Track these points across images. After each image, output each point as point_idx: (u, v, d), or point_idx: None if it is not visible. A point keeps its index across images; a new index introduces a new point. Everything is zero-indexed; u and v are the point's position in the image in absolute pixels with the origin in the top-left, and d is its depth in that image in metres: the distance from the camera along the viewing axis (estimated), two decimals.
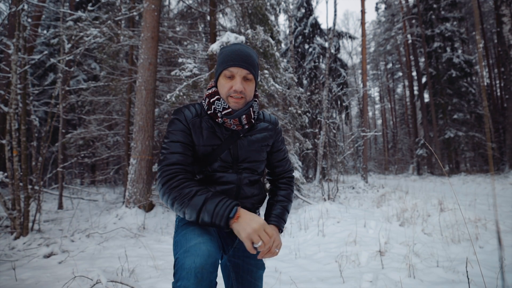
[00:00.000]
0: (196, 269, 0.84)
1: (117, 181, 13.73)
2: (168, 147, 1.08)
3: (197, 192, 0.98)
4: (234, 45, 1.16)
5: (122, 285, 2.19)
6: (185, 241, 0.97)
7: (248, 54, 1.12)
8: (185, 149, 1.08)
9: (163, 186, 1.01)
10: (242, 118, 1.13)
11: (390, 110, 31.51)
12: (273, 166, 1.33)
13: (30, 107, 4.39)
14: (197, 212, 0.95)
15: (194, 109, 1.16)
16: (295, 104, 8.06)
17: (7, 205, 3.81)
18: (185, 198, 0.97)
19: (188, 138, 1.10)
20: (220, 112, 1.12)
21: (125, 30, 6.99)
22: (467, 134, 16.32)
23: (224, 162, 1.13)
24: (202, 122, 1.13)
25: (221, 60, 1.13)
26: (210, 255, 0.89)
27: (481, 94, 17.67)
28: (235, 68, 1.09)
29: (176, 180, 1.01)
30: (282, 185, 1.34)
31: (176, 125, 1.11)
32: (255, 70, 1.14)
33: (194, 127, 1.11)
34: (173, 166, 1.04)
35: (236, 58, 1.10)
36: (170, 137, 1.09)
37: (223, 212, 0.94)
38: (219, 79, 1.14)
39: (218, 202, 0.96)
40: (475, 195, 7.16)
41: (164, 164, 1.05)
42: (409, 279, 2.44)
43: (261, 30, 6.10)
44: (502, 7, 13.25)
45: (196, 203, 0.96)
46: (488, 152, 16.86)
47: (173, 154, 1.06)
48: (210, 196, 0.97)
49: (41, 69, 11.48)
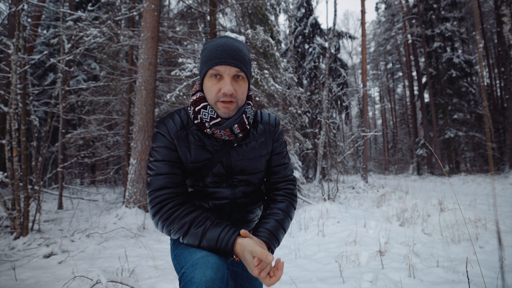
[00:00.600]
0: (207, 283, 0.78)
1: (117, 181, 13.73)
2: (153, 167, 0.96)
3: (192, 224, 0.90)
4: (219, 38, 0.98)
5: (122, 285, 2.19)
6: (189, 254, 0.89)
7: (237, 48, 0.94)
8: (172, 167, 0.96)
9: (155, 217, 0.93)
10: (234, 128, 0.97)
11: (390, 110, 31.52)
12: (269, 172, 1.12)
13: (30, 107, 4.39)
14: (197, 246, 0.90)
15: (179, 119, 1.00)
16: (295, 104, 8.06)
17: (7, 205, 3.81)
18: (179, 232, 0.90)
19: (174, 154, 0.97)
20: (207, 122, 0.96)
21: (125, 30, 6.99)
22: (467, 134, 16.32)
23: (216, 176, 1.01)
24: (189, 135, 0.98)
25: (205, 58, 0.95)
26: (219, 269, 0.83)
27: (481, 94, 17.67)
28: (222, 67, 0.92)
29: (167, 210, 0.92)
30: (279, 197, 1.10)
31: (159, 141, 0.97)
32: (246, 67, 0.96)
33: (180, 142, 0.97)
34: (161, 192, 0.93)
35: (222, 54, 0.92)
36: (154, 155, 0.97)
37: (224, 248, 0.88)
38: (204, 81, 0.97)
39: (217, 237, 0.88)
40: (475, 195, 7.16)
41: (151, 189, 0.94)
42: (409, 279, 2.44)
43: (261, 30, 6.11)
44: (502, 7, 13.24)
45: (192, 239, 0.90)
46: (488, 152, 16.87)
47: (159, 176, 0.94)
48: (207, 229, 0.90)
49: (41, 69, 11.48)
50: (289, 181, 1.14)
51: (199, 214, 0.93)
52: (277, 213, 1.04)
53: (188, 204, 0.95)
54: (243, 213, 1.07)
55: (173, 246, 1.03)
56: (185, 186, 1.01)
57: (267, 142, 1.07)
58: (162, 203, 0.92)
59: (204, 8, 8.34)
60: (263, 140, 1.06)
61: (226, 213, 1.04)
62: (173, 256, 1.00)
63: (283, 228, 1.03)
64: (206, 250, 0.89)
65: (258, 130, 1.07)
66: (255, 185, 1.09)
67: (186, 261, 0.88)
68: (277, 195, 1.10)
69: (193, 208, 0.94)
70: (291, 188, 1.13)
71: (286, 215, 1.05)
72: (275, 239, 0.98)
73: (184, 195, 0.98)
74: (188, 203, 0.96)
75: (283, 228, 1.03)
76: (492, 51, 20.02)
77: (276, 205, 1.07)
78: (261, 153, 1.06)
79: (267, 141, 1.08)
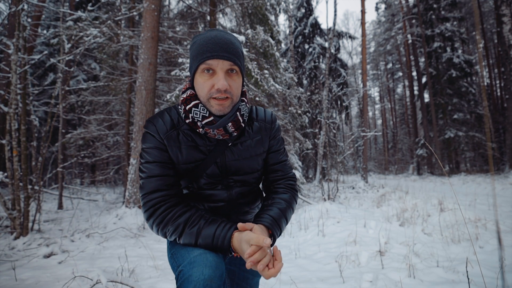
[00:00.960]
0: (205, 281, 0.75)
1: (117, 181, 13.74)
2: (145, 169, 0.92)
3: (186, 225, 0.88)
4: (209, 31, 0.92)
5: (122, 285, 2.19)
6: (186, 252, 0.87)
7: (229, 40, 0.89)
8: (164, 169, 0.92)
9: (149, 220, 0.91)
10: (228, 126, 0.92)
11: (390, 110, 31.52)
12: (267, 170, 1.08)
13: (30, 107, 4.39)
14: (194, 245, 0.88)
15: (169, 118, 0.95)
16: (295, 104, 8.06)
17: (7, 205, 3.81)
18: (174, 234, 0.88)
19: (164, 155, 0.92)
20: (200, 121, 0.91)
21: (125, 30, 6.99)
22: (467, 134, 16.32)
23: (210, 178, 0.97)
24: (180, 135, 0.93)
25: (195, 52, 0.89)
26: (217, 267, 0.80)
27: (481, 94, 17.67)
28: (215, 61, 0.86)
29: (160, 213, 0.89)
30: (281, 189, 1.06)
31: (149, 141, 0.92)
32: (240, 61, 0.91)
33: (170, 142, 0.92)
34: (154, 195, 0.90)
35: (214, 47, 0.86)
36: (144, 156, 0.93)
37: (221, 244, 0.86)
38: (195, 77, 0.91)
39: (213, 235, 0.86)
40: (475, 195, 7.16)
41: (144, 192, 0.91)
42: (409, 279, 2.44)
43: (261, 30, 6.11)
44: (502, 7, 13.24)
45: (188, 239, 0.87)
46: (488, 152, 16.87)
47: (151, 178, 0.91)
48: (202, 228, 0.87)
49: (41, 69, 11.48)
50: (289, 178, 1.10)
51: (192, 213, 0.90)
52: (280, 202, 1.00)
53: (182, 205, 0.92)
54: (240, 214, 1.05)
55: (170, 245, 1.00)
56: (179, 186, 0.98)
57: (263, 140, 1.03)
58: (155, 207, 0.90)
59: (204, 8, 8.34)
60: (259, 138, 1.02)
61: (223, 215, 1.01)
62: (169, 255, 0.97)
63: (285, 217, 0.98)
64: (203, 248, 0.86)
65: (254, 128, 1.02)
66: (251, 185, 1.05)
67: (183, 259, 0.85)
68: (278, 187, 1.07)
69: (186, 209, 0.91)
70: (292, 184, 1.09)
71: (289, 206, 1.01)
72: (278, 227, 0.94)
73: (178, 196, 0.95)
74: (182, 204, 0.93)
75: (285, 217, 0.98)
76: (492, 51, 20.02)
77: (279, 195, 1.03)
78: (257, 152, 1.01)
79: (263, 139, 1.03)
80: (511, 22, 13.04)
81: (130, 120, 7.85)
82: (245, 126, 1.00)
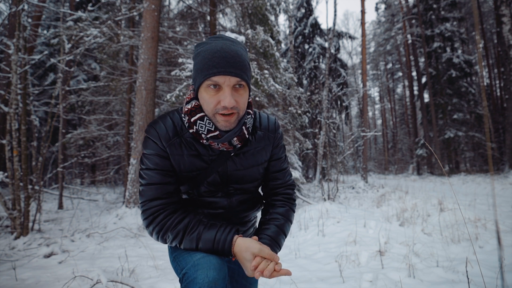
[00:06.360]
0: (210, 284, 0.76)
1: (117, 181, 13.75)
2: (145, 175, 0.91)
3: (185, 232, 0.88)
4: (214, 40, 0.87)
5: (122, 285, 2.19)
6: (189, 255, 0.88)
7: (235, 53, 0.84)
8: (164, 176, 0.91)
9: (148, 228, 0.91)
10: (233, 140, 0.91)
11: (390, 110, 31.52)
12: (268, 178, 1.08)
13: (30, 107, 4.40)
14: (195, 250, 0.89)
15: (171, 124, 0.92)
16: (295, 104, 8.06)
17: (7, 205, 3.81)
18: (175, 241, 0.89)
19: (166, 162, 0.91)
20: (204, 134, 0.89)
21: (125, 30, 7.00)
22: (467, 134, 16.33)
23: (211, 186, 0.96)
24: (183, 143, 0.91)
25: (200, 66, 0.85)
26: (221, 269, 0.81)
27: (481, 94, 17.68)
28: (222, 77, 0.82)
29: (159, 220, 0.89)
30: (278, 202, 1.07)
31: (150, 147, 0.91)
32: (247, 75, 0.87)
33: (173, 150, 0.90)
34: (154, 202, 0.89)
35: (221, 62, 0.82)
36: (145, 162, 0.92)
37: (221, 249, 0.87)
38: (200, 90, 0.88)
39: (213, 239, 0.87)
40: (475, 195, 7.16)
41: (143, 200, 0.91)
42: (409, 279, 2.44)
43: (261, 30, 6.11)
44: (502, 7, 13.25)
45: (189, 245, 0.88)
46: (488, 152, 16.87)
47: (151, 186, 0.90)
48: (201, 233, 0.88)
49: (41, 69, 11.49)
50: (288, 186, 1.10)
51: (191, 219, 0.90)
52: (277, 218, 1.01)
53: (180, 211, 0.92)
54: (240, 218, 1.06)
55: (171, 248, 1.01)
56: (178, 193, 0.97)
57: (266, 148, 1.02)
58: (155, 215, 0.89)
59: (204, 8, 8.34)
60: (262, 147, 1.01)
61: (223, 220, 1.02)
62: (171, 258, 0.98)
63: (283, 232, 1.01)
64: (205, 253, 0.88)
65: (257, 137, 1.00)
66: (251, 192, 1.05)
67: (186, 262, 0.86)
68: (276, 200, 1.07)
69: (184, 215, 0.91)
70: (290, 193, 1.10)
71: (286, 220, 1.03)
72: (277, 245, 0.96)
73: (177, 203, 0.94)
74: (180, 210, 0.93)
75: (283, 232, 1.01)
76: (492, 51, 20.03)
77: (276, 209, 1.04)
78: (259, 162, 1.01)
79: (266, 148, 1.02)
80: (510, 22, 13.04)
81: (130, 120, 7.85)
82: (249, 136, 0.99)
